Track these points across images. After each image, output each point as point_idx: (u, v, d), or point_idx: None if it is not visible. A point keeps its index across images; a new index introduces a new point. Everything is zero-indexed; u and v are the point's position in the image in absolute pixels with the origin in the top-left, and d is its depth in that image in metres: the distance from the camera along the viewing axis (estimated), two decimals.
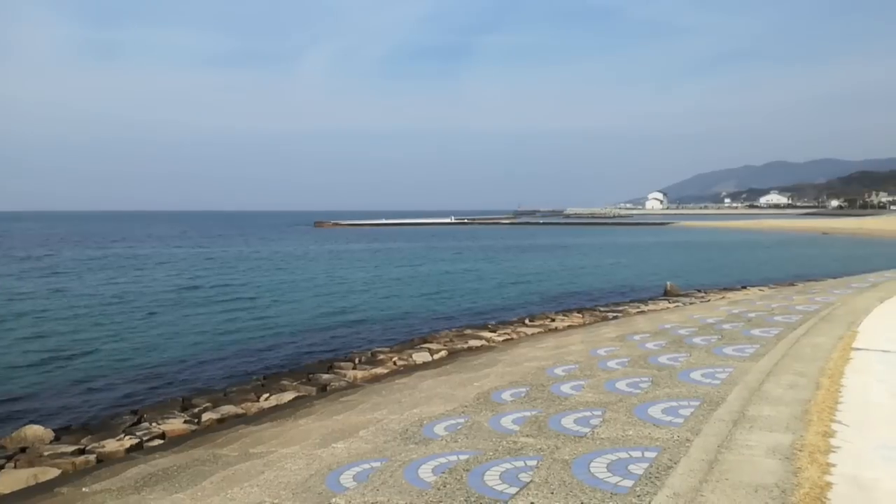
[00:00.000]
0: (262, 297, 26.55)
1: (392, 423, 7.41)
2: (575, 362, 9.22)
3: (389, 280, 33.78)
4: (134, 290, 28.48)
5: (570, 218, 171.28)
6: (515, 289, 30.50)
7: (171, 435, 10.08)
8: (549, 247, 63.37)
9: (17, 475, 8.41)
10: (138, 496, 6.40)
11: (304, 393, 12.31)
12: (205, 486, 6.22)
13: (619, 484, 4.03)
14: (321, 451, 6.63)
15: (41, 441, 9.84)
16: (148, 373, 14.06)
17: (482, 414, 6.64)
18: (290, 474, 5.87)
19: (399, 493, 4.67)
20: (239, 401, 11.85)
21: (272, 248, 60.56)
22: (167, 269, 39.05)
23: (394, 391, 10.41)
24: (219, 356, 15.77)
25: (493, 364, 11.43)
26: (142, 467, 7.78)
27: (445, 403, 8.10)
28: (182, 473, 6.96)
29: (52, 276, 34.58)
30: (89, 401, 12.10)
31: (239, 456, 7.48)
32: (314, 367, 14.74)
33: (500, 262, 45.22)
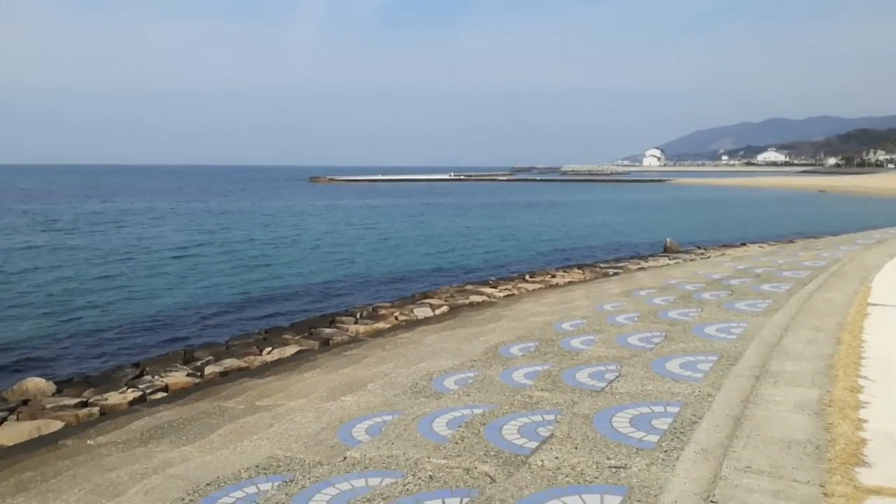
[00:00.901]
0: (262, 252, 26.38)
1: (400, 376, 7.32)
2: (582, 317, 9.11)
3: (389, 236, 33.59)
4: (133, 245, 28.26)
5: (567, 175, 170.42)
6: (515, 245, 30.37)
7: (174, 388, 10.00)
8: (546, 204, 63.11)
9: (20, 428, 8.33)
10: (145, 448, 6.31)
11: (307, 347, 12.23)
12: (212, 438, 6.13)
13: (643, 439, 3.93)
14: (330, 404, 6.54)
15: (43, 393, 9.75)
16: (148, 326, 13.96)
17: (492, 368, 6.53)
18: (299, 427, 5.78)
19: (414, 446, 4.57)
20: (241, 354, 11.77)
21: (270, 204, 60.15)
22: (165, 224, 38.77)
23: (398, 346, 10.32)
24: (219, 310, 15.67)
25: (498, 319, 11.33)
26: (146, 420, 7.70)
27: (452, 358, 8.00)
28: (188, 426, 6.87)
29: (51, 231, 34.24)
30: (90, 354, 12.00)
31: (245, 409, 7.39)
32: (316, 321, 14.65)
33: (499, 219, 45.04)
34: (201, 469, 5.04)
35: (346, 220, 43.33)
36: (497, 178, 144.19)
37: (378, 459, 4.37)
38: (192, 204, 58.94)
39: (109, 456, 6.28)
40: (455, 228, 37.97)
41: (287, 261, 24.35)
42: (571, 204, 62.97)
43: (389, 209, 54.01)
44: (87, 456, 6.46)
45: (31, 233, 33.10)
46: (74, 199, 64.68)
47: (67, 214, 45.28)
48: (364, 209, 53.81)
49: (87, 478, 5.64)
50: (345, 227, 37.84)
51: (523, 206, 58.51)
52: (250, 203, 60.99)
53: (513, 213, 50.29)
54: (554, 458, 3.61)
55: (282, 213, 49.38)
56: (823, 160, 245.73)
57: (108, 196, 71.64)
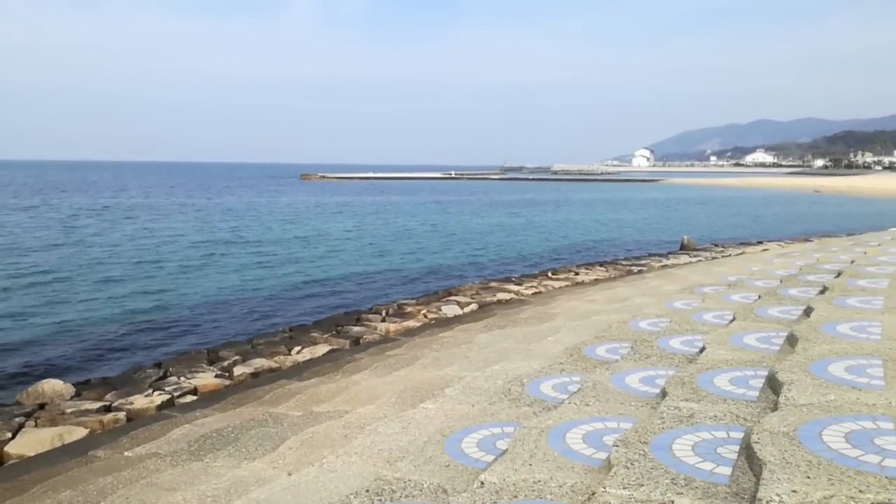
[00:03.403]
0: (273, 249, 25.43)
1: (477, 380, 6.52)
2: (657, 315, 8.36)
3: (400, 233, 32.80)
4: (141, 242, 27.22)
5: (559, 174, 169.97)
6: (526, 242, 29.70)
7: (203, 390, 9.16)
8: (545, 202, 62.53)
9: (41, 435, 7.46)
10: (201, 463, 5.48)
11: (337, 346, 11.43)
12: (282, 452, 5.30)
13: (885, 464, 3.16)
14: (411, 412, 5.73)
15: (61, 397, 8.87)
16: (164, 324, 13.09)
17: (596, 372, 5.75)
18: (390, 440, 4.97)
19: (559, 468, 3.78)
20: (269, 353, 10.94)
21: (273, 200, 59.17)
22: (173, 221, 37.66)
23: (447, 346, 9.52)
24: (237, 308, 14.81)
25: (549, 318, 10.57)
26: (187, 428, 6.84)
27: (528, 360, 7.22)
28: (244, 436, 6.04)
29: (57, 227, 33.03)
30: (105, 354, 11.13)
31: (303, 416, 6.57)
32: (340, 318, 13.84)
33: (507, 216, 44.44)
34: (292, 493, 4.22)
35: (353, 217, 42.48)
36: (489, 176, 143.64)
37: (525, 486, 3.58)
38: (196, 200, 57.74)
39: (160, 472, 5.43)
40: (464, 225, 37.25)
41: (299, 257, 23.50)
42: (575, 202, 62.39)
43: (394, 206, 53.22)
44: (132, 472, 5.61)
45: (36, 229, 31.83)
46: (75, 195, 63.12)
47: (72, 210, 43.97)
48: (368, 206, 52.95)
49: (142, 500, 4.81)
50: (353, 224, 36.98)
51: (527, 205, 57.90)
52: (252, 199, 59.96)
53: (519, 211, 49.65)
54: (791, 493, 2.83)
55: (285, 209, 48.46)
56: (811, 162, 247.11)
57: (109, 192, 70.05)
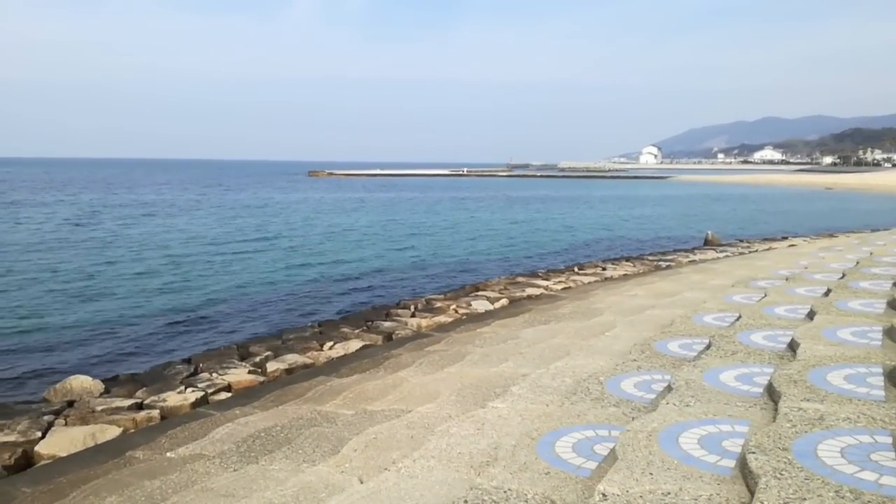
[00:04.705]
0: (295, 245, 25.01)
1: (543, 378, 6.09)
2: (718, 310, 7.93)
3: (418, 228, 32.41)
4: (162, 237, 26.86)
5: (566, 172, 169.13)
6: (542, 238, 29.27)
7: (237, 387, 8.74)
8: (557, 198, 62.07)
9: (72, 434, 7.05)
10: (257, 466, 5.05)
11: (370, 342, 11.01)
12: (347, 454, 4.87)
13: None
14: (480, 411, 5.30)
15: (90, 394, 8.47)
16: (191, 320, 12.68)
17: (683, 370, 5.31)
18: (467, 443, 4.54)
19: (685, 478, 3.35)
20: (301, 349, 10.52)
21: (287, 197, 58.84)
22: (192, 217, 37.27)
23: (489, 342, 9.09)
24: (263, 303, 14.41)
25: (594, 313, 10.11)
26: (229, 427, 6.43)
27: (594, 356, 6.78)
28: (298, 437, 5.61)
29: (77, 223, 32.66)
30: (132, 349, 10.73)
31: (357, 415, 6.14)
32: (369, 314, 13.42)
33: (518, 212, 43.95)
34: (374, 502, 3.79)
35: (370, 213, 42.10)
36: (497, 173, 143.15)
37: (654, 499, 3.14)
38: (211, 197, 57.41)
39: (213, 476, 5.01)
40: (482, 221, 36.89)
41: (322, 253, 23.13)
42: (588, 199, 61.89)
43: (409, 203, 52.85)
44: (180, 475, 5.19)
45: (57, 225, 31.42)
46: (91, 192, 62.73)
47: (91, 207, 43.60)
48: (384, 202, 52.59)
49: None
50: (372, 220, 36.58)
51: (540, 201, 57.42)
52: (267, 196, 59.61)
53: (534, 207, 49.25)
54: None
55: (301, 205, 48.12)
56: (819, 159, 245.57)
57: (123, 189, 69.66)
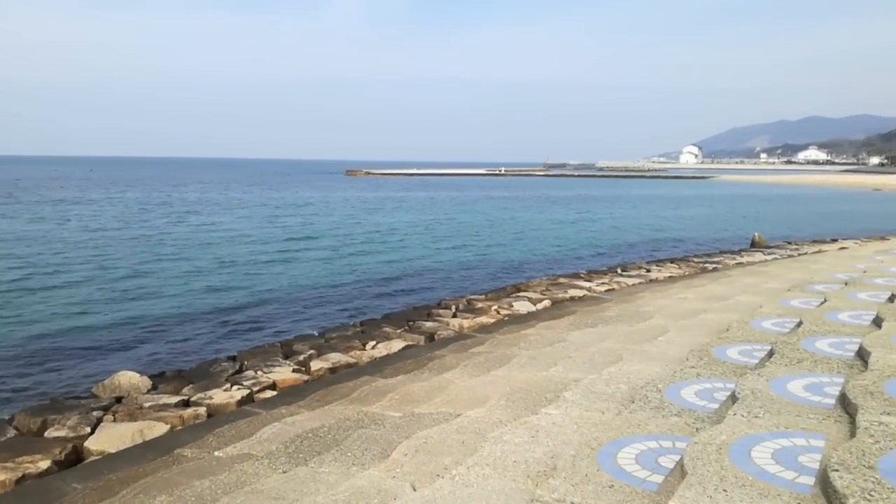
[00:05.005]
0: (335, 244, 25.11)
1: (596, 384, 5.91)
2: (777, 315, 7.63)
3: (456, 228, 32.33)
4: (206, 235, 27.26)
5: (604, 171, 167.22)
6: (582, 238, 28.91)
7: (282, 385, 8.72)
8: (596, 198, 61.37)
9: (121, 430, 7.08)
10: (306, 468, 4.97)
11: (412, 342, 10.92)
12: (398, 459, 4.76)
13: None
14: (533, 418, 5.15)
15: (137, 390, 8.53)
16: (235, 317, 12.78)
17: (748, 378, 5.08)
18: (522, 451, 4.39)
19: (762, 495, 3.16)
20: (343, 348, 10.47)
21: (328, 196, 59.32)
22: (234, 216, 37.72)
23: (535, 344, 8.91)
24: (305, 301, 14.47)
25: (643, 317, 9.86)
26: (277, 427, 6.38)
27: (648, 362, 6.57)
28: (346, 439, 5.52)
29: (124, 220, 33.36)
30: (177, 346, 10.84)
31: (404, 417, 6.03)
32: (410, 313, 13.35)
33: (556, 212, 43.57)
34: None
35: (409, 212, 42.19)
36: (534, 173, 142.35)
37: None
38: (253, 196, 58.23)
39: (262, 477, 4.95)
40: (520, 220, 36.66)
41: (363, 251, 23.22)
42: (627, 198, 61.09)
43: (447, 202, 52.86)
44: (229, 475, 5.14)
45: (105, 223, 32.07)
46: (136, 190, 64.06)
47: (138, 205, 44.55)
48: (423, 201, 52.68)
49: None
50: (412, 219, 36.62)
51: (578, 200, 56.89)
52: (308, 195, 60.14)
53: (573, 207, 48.78)
54: None
55: (342, 204, 48.42)
56: (866, 159, 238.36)
57: (168, 187, 70.99)
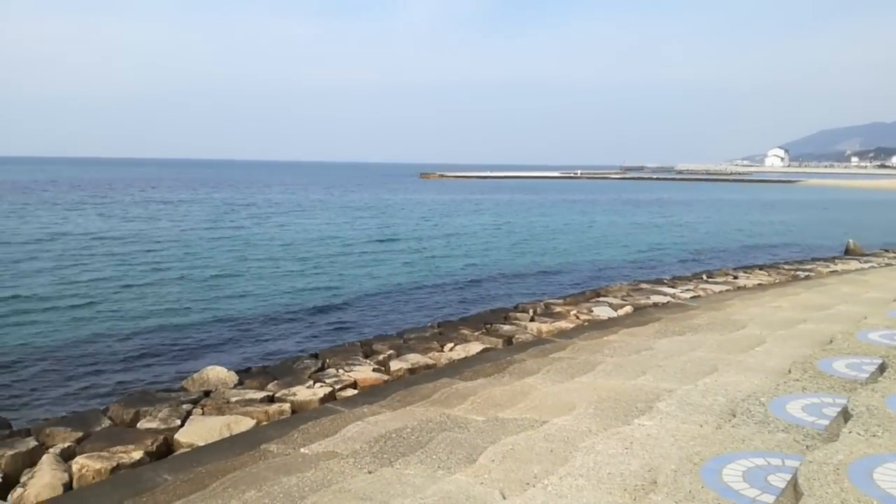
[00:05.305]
0: (413, 246, 25.36)
1: (692, 395, 5.63)
2: (885, 327, 7.12)
3: (532, 231, 32.15)
4: (290, 235, 28.11)
5: (684, 174, 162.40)
6: (661, 243, 28.11)
7: (363, 384, 8.76)
8: (676, 202, 59.72)
9: (209, 423, 7.25)
10: (391, 469, 4.93)
11: (490, 345, 10.78)
12: (484, 464, 4.65)
13: None
14: (625, 428, 4.94)
15: (225, 385, 8.73)
16: (315, 315, 13.08)
17: (860, 394, 4.71)
18: (617, 462, 4.20)
19: None
20: (422, 349, 10.45)
21: (407, 198, 60.14)
22: (315, 217, 38.70)
23: (619, 351, 8.63)
24: (383, 301, 14.65)
25: (735, 325, 9.41)
26: (359, 426, 6.38)
27: (746, 373, 6.24)
28: (430, 441, 5.46)
29: (212, 221, 34.62)
30: (261, 342, 11.11)
31: (488, 422, 5.92)
32: (488, 316, 13.22)
33: (635, 216, 42.59)
34: None
35: (485, 214, 42.19)
36: (609, 176, 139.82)
37: None
38: (333, 197, 59.70)
39: (348, 476, 4.93)
40: (597, 224, 36.08)
41: (440, 253, 23.41)
42: (709, 202, 59.17)
43: (523, 205, 52.64)
44: (316, 473, 5.15)
45: (193, 223, 33.41)
46: (223, 191, 66.70)
47: (225, 205, 46.36)
48: (500, 204, 52.63)
49: None
50: (489, 222, 36.59)
51: (658, 204, 55.53)
52: (385, 197, 61.10)
53: (653, 210, 47.61)
54: None
55: (419, 206, 48.87)
56: None
57: (254, 188, 73.60)
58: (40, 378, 9.59)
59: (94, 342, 11.04)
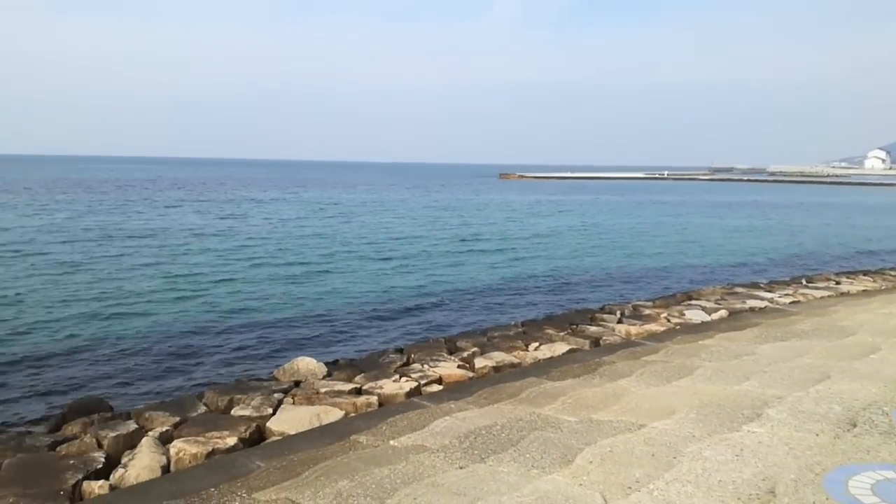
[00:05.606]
0: (499, 246, 25.22)
1: (804, 402, 5.27)
2: None
3: (619, 232, 31.50)
4: (374, 233, 28.57)
5: (776, 176, 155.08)
6: (756, 245, 26.86)
7: (448, 380, 8.69)
8: (771, 204, 57.08)
9: (300, 413, 7.34)
10: (484, 466, 4.82)
11: (576, 346, 10.50)
12: (582, 465, 4.49)
13: None
14: (734, 435, 4.65)
15: (314, 375, 8.87)
16: (398, 310, 13.14)
17: None
18: (728, 470, 3.95)
19: None
20: (506, 348, 10.30)
21: (490, 198, 60.24)
22: (398, 215, 39.29)
23: (718, 356, 8.22)
24: (467, 298, 14.61)
25: (844, 332, 8.83)
26: (447, 421, 6.30)
27: (862, 381, 5.81)
28: (522, 439, 5.32)
29: (304, 217, 35.64)
30: (347, 335, 11.24)
31: (581, 423, 5.73)
32: (573, 316, 12.94)
33: (726, 218, 40.98)
34: None
35: (568, 215, 41.69)
36: (697, 177, 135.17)
37: None
38: (416, 197, 60.51)
39: (440, 471, 4.86)
40: (685, 226, 34.94)
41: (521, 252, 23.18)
42: (808, 206, 56.29)
43: (607, 206, 51.76)
44: (406, 465, 5.10)
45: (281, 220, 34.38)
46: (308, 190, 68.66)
47: (319, 203, 47.71)
48: (584, 205, 51.93)
49: None
50: (569, 223, 36.18)
51: (754, 206, 53.46)
52: (467, 197, 61.32)
53: (746, 212, 45.91)
54: None
55: (503, 207, 48.77)
56: None
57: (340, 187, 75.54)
58: (139, 365, 10.03)
59: (190, 332, 11.48)
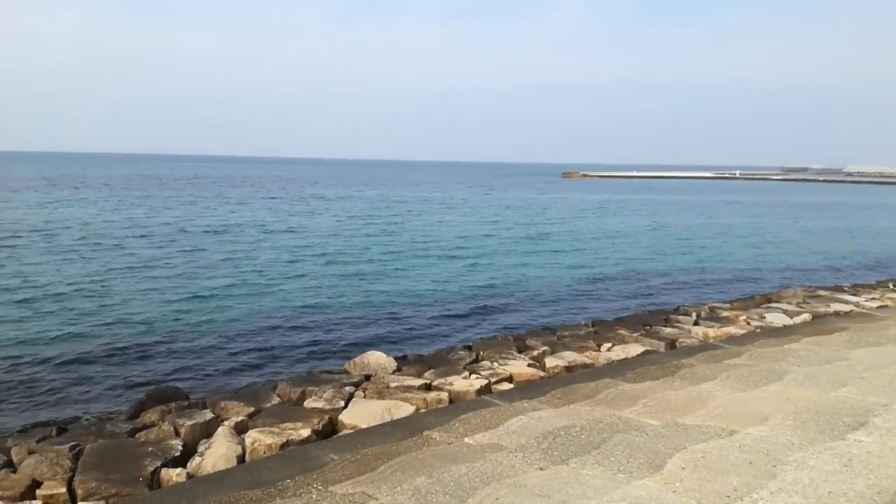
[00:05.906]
0: (571, 245, 24.95)
1: None
2: None
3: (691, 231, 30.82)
4: (438, 231, 28.75)
5: (853, 177, 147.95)
6: (836, 248, 25.65)
7: (518, 379, 8.49)
8: (849, 205, 54.64)
9: (371, 407, 7.29)
10: (567, 468, 4.62)
11: (651, 347, 10.12)
12: (673, 471, 4.24)
13: None
14: (840, 444, 4.33)
15: (384, 370, 8.83)
16: (466, 307, 13.07)
17: None
18: (837, 480, 3.66)
19: None
20: (577, 347, 10.03)
21: (561, 197, 59.97)
22: (461, 213, 39.41)
23: (808, 361, 7.77)
24: (534, 297, 14.41)
25: None
26: (522, 420, 6.12)
27: None
28: (605, 442, 5.09)
29: (368, 215, 36.09)
30: (415, 331, 11.21)
31: (666, 427, 5.46)
32: (646, 317, 12.55)
33: (802, 220, 39.37)
34: None
35: (635, 215, 40.98)
36: (770, 177, 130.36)
37: None
38: (478, 196, 60.62)
39: (520, 471, 4.67)
40: (760, 227, 33.85)
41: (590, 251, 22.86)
42: (891, 207, 53.61)
43: (675, 205, 50.61)
44: (484, 464, 4.95)
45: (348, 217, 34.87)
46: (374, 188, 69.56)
47: (381, 200, 48.40)
48: (648, 205, 50.92)
49: None
50: (638, 222, 35.56)
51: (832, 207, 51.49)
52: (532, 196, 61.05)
53: (824, 214, 44.13)
54: None
55: (571, 206, 48.28)
56: None
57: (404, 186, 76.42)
58: (214, 357, 10.21)
59: (262, 327, 11.64)
